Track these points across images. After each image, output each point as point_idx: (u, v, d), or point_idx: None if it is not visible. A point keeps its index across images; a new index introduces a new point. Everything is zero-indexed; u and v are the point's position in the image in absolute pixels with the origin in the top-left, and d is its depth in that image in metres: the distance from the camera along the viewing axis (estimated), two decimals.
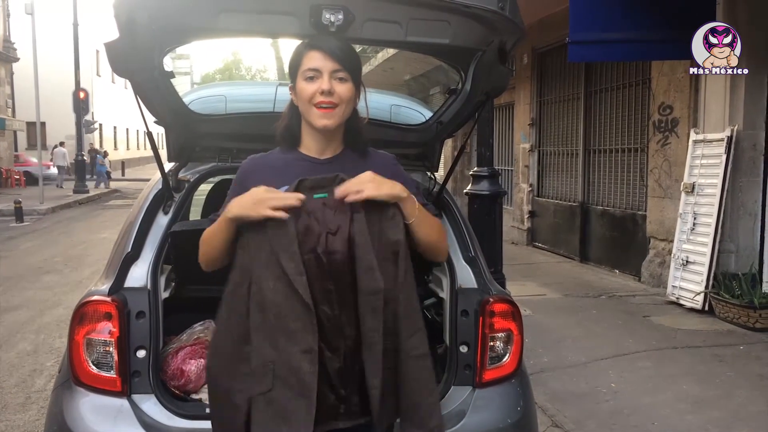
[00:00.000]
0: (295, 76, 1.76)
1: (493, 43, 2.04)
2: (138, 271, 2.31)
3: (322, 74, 1.70)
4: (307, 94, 1.72)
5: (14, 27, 25.92)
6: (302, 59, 1.74)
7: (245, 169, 1.82)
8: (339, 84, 1.71)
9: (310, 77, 1.71)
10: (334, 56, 1.71)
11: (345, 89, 1.72)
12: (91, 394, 2.15)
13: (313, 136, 1.78)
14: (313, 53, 1.72)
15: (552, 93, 10.31)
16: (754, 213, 6.40)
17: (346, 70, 1.72)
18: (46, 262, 9.33)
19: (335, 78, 1.71)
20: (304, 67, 1.73)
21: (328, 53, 1.71)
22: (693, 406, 4.08)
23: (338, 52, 1.72)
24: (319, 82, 1.70)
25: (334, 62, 1.70)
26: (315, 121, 1.73)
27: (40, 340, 5.51)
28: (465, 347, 2.32)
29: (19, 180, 24.35)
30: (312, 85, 1.71)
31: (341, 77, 1.72)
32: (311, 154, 1.79)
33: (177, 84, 2.42)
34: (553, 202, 10.19)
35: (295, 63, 1.76)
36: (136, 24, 1.84)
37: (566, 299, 6.84)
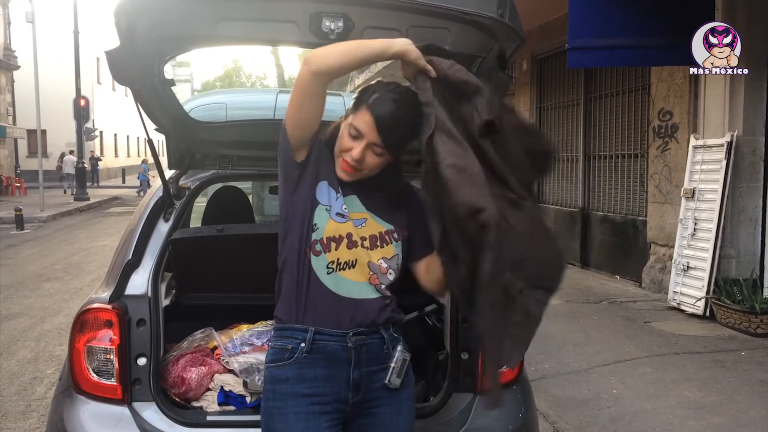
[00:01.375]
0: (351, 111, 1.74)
1: (493, 49, 2.04)
2: (139, 279, 2.31)
3: (363, 140, 1.69)
4: (341, 145, 1.73)
5: (15, 35, 26.02)
6: (359, 111, 1.71)
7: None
8: (372, 156, 1.72)
9: (353, 135, 1.70)
10: (383, 132, 1.68)
11: (376, 161, 1.73)
12: (92, 401, 2.15)
13: None
14: (367, 116, 1.68)
15: (552, 99, 10.32)
16: (755, 218, 6.40)
17: (386, 147, 1.71)
18: (47, 269, 9.33)
19: (372, 148, 1.71)
20: (354, 121, 1.71)
21: (379, 126, 1.67)
22: (694, 411, 4.07)
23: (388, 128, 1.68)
24: (355, 145, 1.70)
25: (378, 137, 1.68)
26: (337, 169, 1.76)
27: (41, 348, 5.50)
28: (466, 354, 2.32)
29: (20, 187, 24.39)
30: (350, 142, 1.71)
31: (378, 152, 1.71)
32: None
33: (177, 91, 2.43)
34: (554, 208, 10.19)
35: (355, 104, 1.74)
36: (136, 32, 1.84)
37: (567, 305, 6.83)
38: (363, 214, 1.80)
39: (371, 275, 1.78)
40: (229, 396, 2.41)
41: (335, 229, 1.75)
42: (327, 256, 1.75)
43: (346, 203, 1.79)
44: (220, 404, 2.38)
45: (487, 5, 1.74)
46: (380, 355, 1.81)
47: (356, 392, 1.78)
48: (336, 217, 1.76)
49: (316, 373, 1.75)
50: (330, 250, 1.75)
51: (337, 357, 1.75)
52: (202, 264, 3.14)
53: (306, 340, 1.74)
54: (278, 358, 1.78)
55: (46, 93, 21.18)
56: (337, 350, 1.75)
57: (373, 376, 1.80)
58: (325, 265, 1.75)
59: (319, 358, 1.75)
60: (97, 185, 28.26)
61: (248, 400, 2.39)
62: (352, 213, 1.79)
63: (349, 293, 1.76)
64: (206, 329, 2.63)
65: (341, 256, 1.75)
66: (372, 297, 1.78)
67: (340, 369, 1.76)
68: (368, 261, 1.77)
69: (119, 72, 1.99)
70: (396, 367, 1.81)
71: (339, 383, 1.76)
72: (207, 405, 2.38)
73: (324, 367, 1.75)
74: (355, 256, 1.76)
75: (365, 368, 1.78)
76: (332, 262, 1.75)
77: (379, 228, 1.80)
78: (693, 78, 6.77)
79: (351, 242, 1.76)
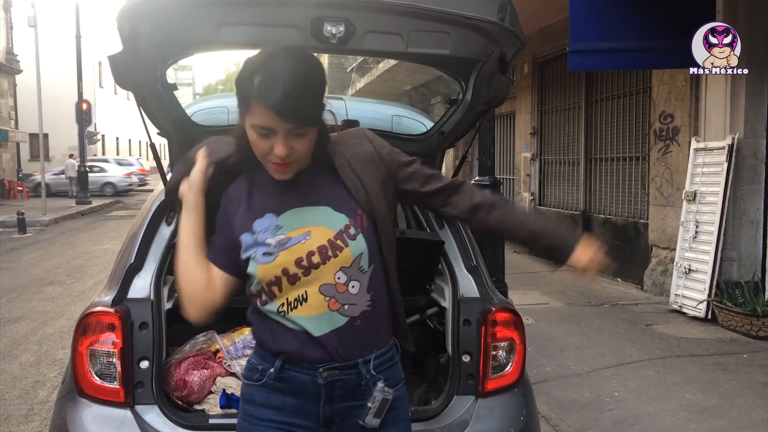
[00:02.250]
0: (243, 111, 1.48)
1: (494, 53, 2.05)
2: (141, 282, 2.32)
3: (276, 133, 1.44)
4: (259, 150, 1.48)
5: (17, 39, 26.05)
6: (251, 107, 1.43)
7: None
8: (297, 141, 1.46)
9: (263, 134, 1.45)
10: (291, 116, 1.41)
11: (304, 142, 1.48)
12: (95, 405, 2.15)
13: None
14: (263, 109, 1.41)
15: (553, 102, 10.33)
16: (756, 221, 6.40)
17: (306, 124, 1.45)
18: (49, 273, 9.34)
19: (293, 135, 1.45)
20: (255, 120, 1.44)
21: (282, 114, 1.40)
22: (696, 414, 4.07)
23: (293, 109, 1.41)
24: (274, 142, 1.45)
25: (289, 123, 1.42)
26: (273, 174, 1.53)
27: (43, 352, 5.51)
28: (467, 356, 2.32)
29: (22, 191, 24.43)
30: (265, 142, 1.46)
31: (301, 133, 1.46)
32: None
33: (179, 95, 2.45)
34: (555, 211, 10.19)
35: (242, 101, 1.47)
36: (139, 37, 1.86)
37: (569, 308, 6.83)
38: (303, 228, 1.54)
39: (328, 300, 1.53)
40: (231, 399, 2.41)
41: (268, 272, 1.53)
42: (275, 302, 1.55)
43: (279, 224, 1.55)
44: (222, 407, 2.39)
45: (487, 9, 1.75)
46: (357, 391, 1.59)
47: (328, 428, 1.61)
48: (263, 259, 1.53)
49: (284, 402, 1.59)
50: (274, 295, 1.54)
51: (306, 390, 1.58)
52: None
53: (274, 367, 1.58)
54: (249, 375, 1.65)
55: (48, 97, 21.21)
56: (306, 384, 1.57)
57: (350, 411, 1.60)
58: (276, 311, 1.55)
59: (288, 388, 1.58)
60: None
61: None
62: (291, 233, 1.54)
63: (313, 329, 1.53)
64: (208, 332, 2.63)
65: (288, 295, 1.53)
66: (337, 327, 1.54)
67: (310, 403, 1.59)
68: (320, 286, 1.52)
69: (122, 76, 2.01)
70: (373, 408, 1.58)
71: (308, 417, 1.60)
72: (209, 408, 2.39)
73: (293, 397, 1.59)
74: (302, 288, 1.53)
75: (339, 404, 1.59)
76: (282, 304, 1.54)
77: (328, 233, 1.53)
78: (694, 81, 6.78)
79: (290, 277, 1.52)
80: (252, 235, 1.56)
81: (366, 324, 1.57)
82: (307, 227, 1.54)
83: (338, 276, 1.53)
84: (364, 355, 1.59)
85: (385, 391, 1.59)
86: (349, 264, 1.54)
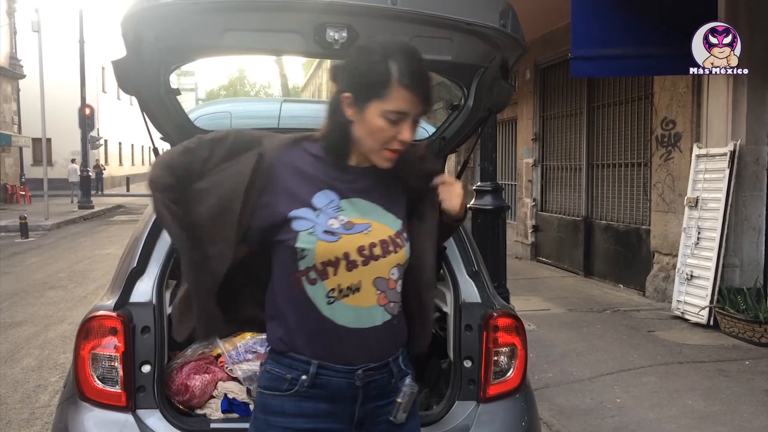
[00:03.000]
0: (368, 98, 1.47)
1: (496, 59, 2.06)
2: (143, 286, 2.33)
3: (407, 119, 1.49)
4: (383, 137, 1.49)
5: (21, 44, 26.16)
6: (388, 93, 1.45)
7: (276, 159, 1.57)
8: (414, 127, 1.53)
9: (394, 120, 1.47)
10: (424, 98, 1.49)
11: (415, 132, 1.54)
12: (96, 409, 2.16)
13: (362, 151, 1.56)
14: (404, 92, 1.45)
15: (555, 108, 10.34)
16: (758, 227, 6.40)
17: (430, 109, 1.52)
18: (51, 277, 9.35)
19: (415, 122, 1.51)
20: (390, 106, 1.46)
21: (420, 95, 1.47)
22: (698, 421, 4.06)
23: (428, 90, 1.49)
24: (402, 128, 1.48)
25: (422, 106, 1.49)
26: (380, 162, 1.54)
27: (45, 356, 5.51)
28: (469, 362, 2.32)
29: (24, 195, 24.48)
30: (392, 129, 1.48)
31: (418, 120, 1.53)
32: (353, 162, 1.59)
33: (182, 100, 2.45)
34: (557, 217, 10.19)
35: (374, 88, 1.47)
36: (142, 42, 1.86)
37: (570, 314, 6.82)
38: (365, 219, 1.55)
39: (378, 295, 1.55)
40: (233, 403, 2.41)
41: (328, 251, 1.50)
42: (326, 284, 1.51)
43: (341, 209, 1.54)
44: (223, 412, 2.39)
45: (489, 15, 1.76)
46: (387, 388, 1.62)
47: (360, 429, 1.61)
48: (324, 236, 1.50)
49: (317, 409, 1.56)
50: (328, 276, 1.51)
51: (341, 394, 1.56)
52: None
53: (308, 374, 1.54)
54: (274, 386, 1.57)
55: (51, 102, 21.28)
56: (342, 387, 1.56)
57: (379, 410, 1.62)
58: (324, 294, 1.51)
59: (322, 393, 1.55)
60: (101, 194, 28.47)
61: (252, 407, 2.40)
62: (353, 219, 1.54)
63: (356, 323, 1.53)
64: None
65: (342, 281, 1.51)
66: (381, 322, 1.56)
67: (344, 406, 1.57)
68: (374, 278, 1.53)
69: (125, 81, 2.02)
70: (404, 403, 1.62)
71: (341, 420, 1.58)
72: (211, 412, 2.39)
73: (326, 403, 1.56)
74: (357, 277, 1.52)
75: (372, 404, 1.60)
76: (333, 289, 1.51)
77: (388, 231, 1.57)
78: (696, 87, 6.79)
79: (349, 263, 1.51)
80: (312, 210, 1.52)
81: (400, 323, 1.63)
82: (368, 219, 1.56)
83: (392, 272, 1.57)
84: (394, 353, 1.63)
85: (412, 386, 1.64)
86: (403, 263, 1.59)
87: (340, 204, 1.54)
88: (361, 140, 1.52)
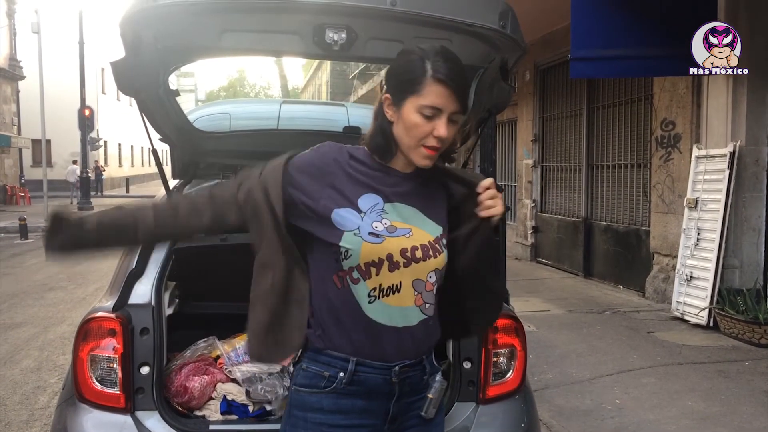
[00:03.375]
0: (404, 95, 1.53)
1: (495, 60, 2.06)
2: (142, 288, 2.32)
3: (442, 115, 1.52)
4: (419, 133, 1.52)
5: (20, 45, 26.18)
6: (423, 87, 1.50)
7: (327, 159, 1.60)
8: (451, 126, 1.54)
9: (428, 116, 1.51)
10: (459, 96, 1.52)
11: (452, 132, 1.55)
12: (95, 410, 2.15)
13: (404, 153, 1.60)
14: (438, 88, 1.50)
15: (554, 109, 10.35)
16: (758, 228, 6.40)
17: (464, 111, 1.55)
18: (51, 278, 9.35)
19: (451, 121, 1.53)
20: (425, 101, 1.50)
21: (455, 92, 1.51)
22: (698, 422, 4.06)
23: (463, 90, 1.53)
24: (437, 124, 1.51)
25: (457, 104, 1.52)
26: (418, 160, 1.57)
27: (44, 357, 5.51)
28: (468, 363, 2.32)
29: (24, 197, 24.48)
30: (428, 124, 1.51)
31: (455, 120, 1.55)
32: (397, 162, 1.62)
33: (181, 101, 2.45)
34: (557, 218, 10.19)
35: (410, 84, 1.52)
36: (142, 43, 1.86)
37: (570, 315, 6.82)
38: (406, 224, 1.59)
39: (416, 296, 1.59)
40: (232, 405, 2.41)
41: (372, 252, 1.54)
42: (368, 284, 1.55)
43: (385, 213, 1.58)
44: (222, 413, 2.39)
45: (489, 17, 1.76)
46: (420, 384, 1.66)
47: (392, 424, 1.65)
48: (369, 238, 1.54)
49: (354, 405, 1.60)
50: (370, 276, 1.55)
51: (378, 390, 1.60)
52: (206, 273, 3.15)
53: (346, 371, 1.58)
54: (312, 384, 1.60)
55: (50, 103, 21.29)
56: (379, 384, 1.59)
57: (411, 405, 1.66)
58: (366, 294, 1.55)
59: (359, 390, 1.59)
60: (101, 195, 28.52)
61: (251, 409, 2.40)
62: (395, 222, 1.58)
63: (393, 322, 1.57)
64: (209, 338, 2.64)
65: (383, 281, 1.55)
66: (417, 322, 1.60)
67: (380, 402, 1.61)
68: (413, 280, 1.58)
69: (124, 82, 2.01)
70: (434, 399, 1.67)
71: (377, 416, 1.62)
72: (210, 414, 2.39)
73: (363, 399, 1.60)
74: (397, 278, 1.56)
75: (405, 400, 1.64)
76: (374, 288, 1.55)
77: (428, 236, 1.61)
78: (695, 88, 6.79)
79: (392, 264, 1.55)
80: (358, 212, 1.56)
81: (434, 323, 1.66)
82: (409, 224, 1.60)
83: (430, 275, 1.61)
84: (428, 351, 1.68)
85: (442, 382, 1.69)
86: (441, 267, 1.63)
87: (384, 207, 1.59)
88: (400, 139, 1.56)
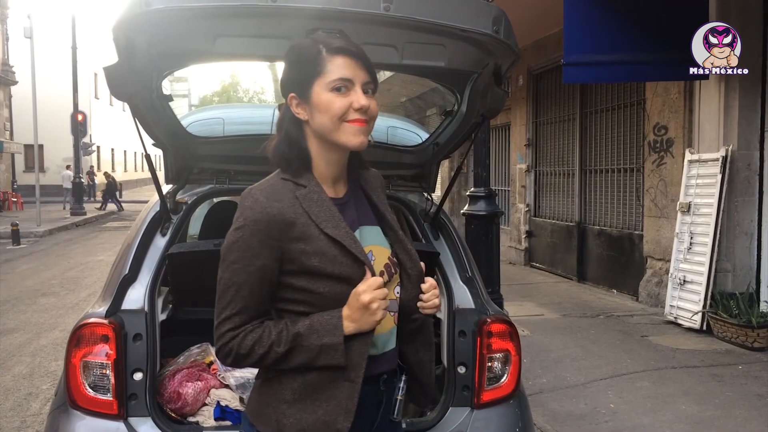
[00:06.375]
0: (308, 83, 1.46)
1: (489, 65, 2.06)
2: (135, 294, 2.31)
3: (354, 85, 1.45)
4: (338, 109, 1.43)
5: (13, 50, 26.12)
6: (324, 65, 1.44)
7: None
8: (370, 98, 1.47)
9: (339, 88, 1.43)
10: (365, 65, 1.46)
11: (374, 105, 1.48)
12: (88, 417, 2.14)
13: (329, 160, 1.51)
14: (339, 59, 1.44)
15: (548, 114, 10.38)
16: (750, 232, 6.43)
17: (375, 81, 1.49)
18: (43, 284, 9.30)
19: (366, 91, 1.47)
20: (331, 75, 1.43)
21: (359, 59, 1.45)
22: (692, 426, 4.06)
23: (366, 59, 1.46)
24: (352, 96, 1.44)
25: (365, 72, 1.46)
26: (349, 139, 1.45)
27: (36, 363, 5.47)
28: (463, 368, 2.32)
29: (16, 202, 24.38)
30: (343, 99, 1.43)
31: (371, 89, 1.48)
32: (325, 186, 1.51)
33: (175, 106, 2.44)
34: (550, 222, 10.21)
35: (309, 68, 1.46)
36: (135, 48, 1.86)
37: (564, 319, 6.83)
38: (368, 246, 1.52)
39: (393, 316, 1.58)
40: (226, 411, 2.40)
41: None
42: None
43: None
44: (216, 419, 2.38)
45: (482, 22, 1.76)
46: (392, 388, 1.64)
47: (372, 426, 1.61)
48: None
49: None
50: None
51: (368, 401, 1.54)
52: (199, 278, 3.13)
53: None
54: None
55: (43, 108, 21.24)
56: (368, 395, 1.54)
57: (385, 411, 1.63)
58: None
59: None
60: (94, 200, 28.48)
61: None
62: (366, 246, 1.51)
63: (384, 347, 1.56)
64: (203, 344, 2.63)
65: None
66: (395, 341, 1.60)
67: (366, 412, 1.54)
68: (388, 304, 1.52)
69: (117, 87, 2.01)
70: (401, 399, 1.63)
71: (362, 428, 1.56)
72: (203, 420, 2.38)
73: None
74: None
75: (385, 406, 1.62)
76: None
77: (386, 252, 1.57)
78: (687, 93, 6.83)
79: None
80: None
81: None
82: (368, 246, 1.53)
83: (396, 290, 1.59)
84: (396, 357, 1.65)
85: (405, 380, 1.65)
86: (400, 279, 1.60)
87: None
88: (321, 127, 1.46)
